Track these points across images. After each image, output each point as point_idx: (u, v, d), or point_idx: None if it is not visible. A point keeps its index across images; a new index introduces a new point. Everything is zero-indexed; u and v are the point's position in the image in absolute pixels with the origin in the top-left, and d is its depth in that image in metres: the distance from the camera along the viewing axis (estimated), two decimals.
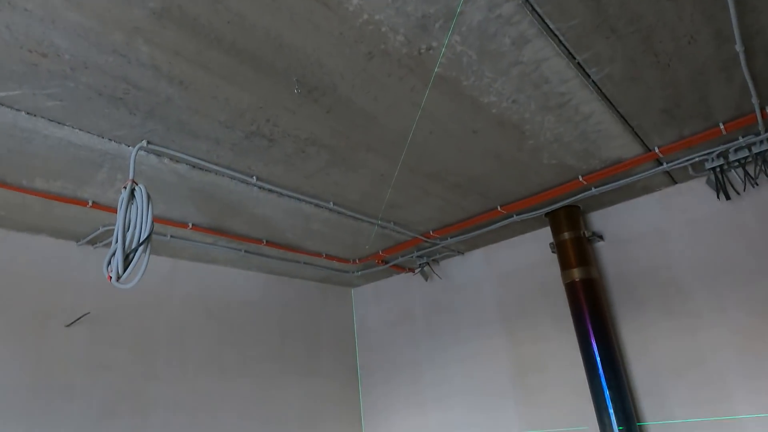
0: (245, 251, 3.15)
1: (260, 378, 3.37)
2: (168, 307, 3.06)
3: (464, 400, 3.41)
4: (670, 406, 2.66)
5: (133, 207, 1.76)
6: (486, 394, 3.32)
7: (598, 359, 2.71)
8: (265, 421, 3.31)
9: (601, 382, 2.68)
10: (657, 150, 2.43)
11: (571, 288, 2.91)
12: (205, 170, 2.24)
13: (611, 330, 2.80)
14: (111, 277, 1.73)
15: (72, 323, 2.63)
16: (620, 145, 2.37)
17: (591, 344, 2.75)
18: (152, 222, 1.72)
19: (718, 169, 2.58)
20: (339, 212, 2.76)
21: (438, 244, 3.37)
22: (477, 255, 3.62)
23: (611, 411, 2.62)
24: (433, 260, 3.68)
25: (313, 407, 3.61)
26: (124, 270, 1.70)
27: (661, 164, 2.58)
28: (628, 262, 2.95)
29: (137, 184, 1.81)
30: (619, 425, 2.59)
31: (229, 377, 3.20)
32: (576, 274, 2.88)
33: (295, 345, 3.68)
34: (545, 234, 3.30)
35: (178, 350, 3.02)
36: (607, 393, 2.65)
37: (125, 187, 1.80)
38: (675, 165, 2.55)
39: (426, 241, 3.32)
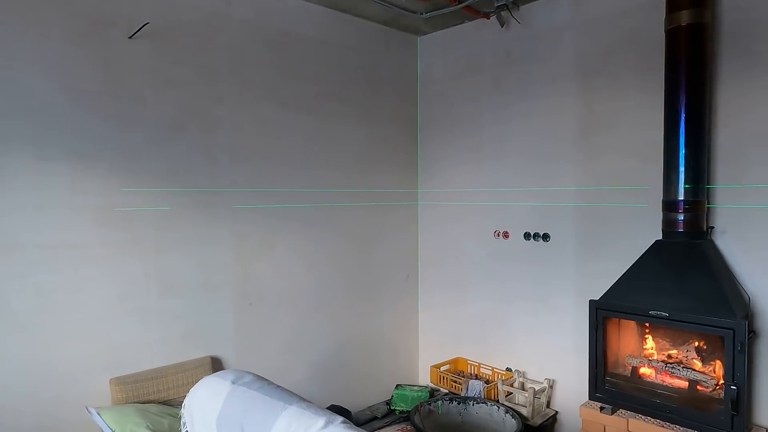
0: None
1: (320, 115, 3.39)
2: (226, 30, 2.94)
3: (523, 153, 3.36)
4: (748, 172, 2.49)
5: None
6: (547, 149, 3.24)
7: (683, 115, 2.47)
8: (327, 152, 3.43)
9: (679, 139, 2.49)
10: None
11: (673, 34, 2.51)
12: None
13: (707, 86, 2.49)
14: None
15: (134, 34, 2.57)
16: None
17: (679, 98, 2.48)
18: None
19: None
20: None
21: None
22: None
23: (681, 169, 2.49)
24: (512, 2, 3.24)
25: (371, 150, 3.69)
26: None
27: None
28: (756, 6, 2.45)
29: None
30: (685, 183, 2.48)
31: (289, 110, 3.23)
32: (684, 17, 2.45)
33: (356, 89, 3.60)
34: None
35: (239, 77, 3.00)
36: (682, 151, 2.48)
37: None
38: None
39: None
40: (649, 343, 2.63)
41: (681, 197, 2.49)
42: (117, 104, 2.56)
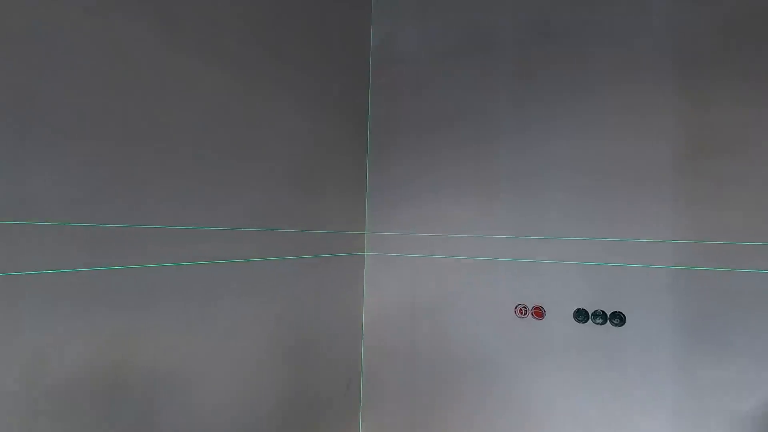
0: None
1: (242, 74, 1.61)
2: None
3: (574, 180, 2.10)
4: None
5: None
6: (620, 177, 2.03)
7: None
8: (249, 150, 1.66)
9: None
10: None
11: None
12: None
13: None
14: None
15: None
16: None
17: None
18: None
19: None
20: None
21: None
22: None
23: None
24: None
25: (317, 157, 2.00)
26: None
27: None
28: None
29: None
30: None
31: (183, 47, 1.40)
32: None
33: (300, 46, 1.91)
34: None
35: None
36: None
37: None
38: None
39: None
40: None
41: None
42: None
